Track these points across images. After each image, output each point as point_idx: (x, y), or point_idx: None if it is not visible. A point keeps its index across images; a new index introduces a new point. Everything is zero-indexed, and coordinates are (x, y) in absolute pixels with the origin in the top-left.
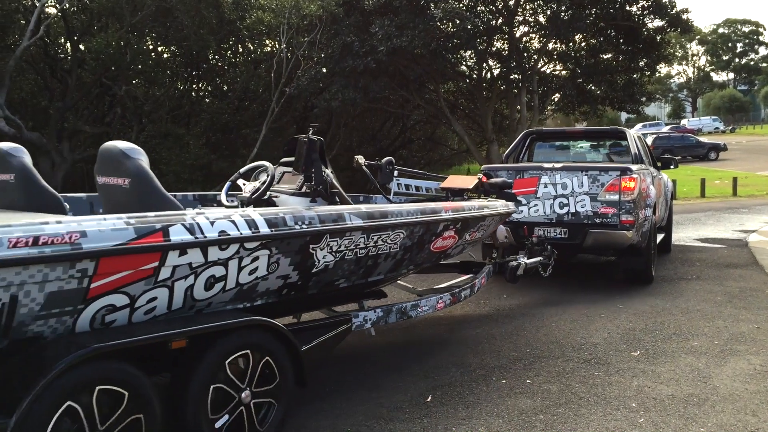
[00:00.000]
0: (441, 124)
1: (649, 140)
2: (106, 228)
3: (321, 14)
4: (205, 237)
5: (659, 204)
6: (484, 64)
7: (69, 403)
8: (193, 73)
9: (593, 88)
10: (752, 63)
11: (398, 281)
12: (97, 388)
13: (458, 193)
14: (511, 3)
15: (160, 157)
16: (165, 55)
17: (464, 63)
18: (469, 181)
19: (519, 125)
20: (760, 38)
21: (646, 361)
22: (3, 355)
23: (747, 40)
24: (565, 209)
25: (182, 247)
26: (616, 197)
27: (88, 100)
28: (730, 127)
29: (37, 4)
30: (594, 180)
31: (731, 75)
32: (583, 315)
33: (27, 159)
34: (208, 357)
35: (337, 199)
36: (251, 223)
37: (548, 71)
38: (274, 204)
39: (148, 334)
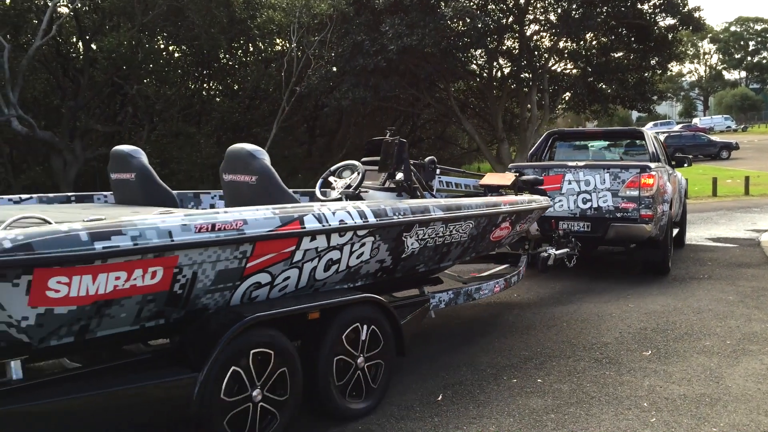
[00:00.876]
0: (451, 122)
1: (661, 139)
2: (260, 217)
3: (331, 13)
4: (330, 225)
5: (675, 200)
6: (495, 63)
7: (239, 360)
8: (204, 72)
9: (604, 86)
10: (765, 61)
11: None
12: (255, 349)
13: (495, 190)
14: (522, 1)
15: (171, 156)
16: (176, 55)
17: (475, 62)
18: (506, 178)
19: (529, 124)
20: None
21: (657, 360)
22: (180, 323)
23: (759, 39)
24: (588, 204)
25: (313, 234)
26: (636, 193)
27: (100, 99)
28: (742, 126)
29: (50, 4)
30: (615, 177)
31: (743, 73)
32: (594, 314)
33: (145, 160)
34: (334, 326)
35: (418, 194)
36: (362, 214)
37: (559, 70)
38: (361, 198)
39: (291, 307)
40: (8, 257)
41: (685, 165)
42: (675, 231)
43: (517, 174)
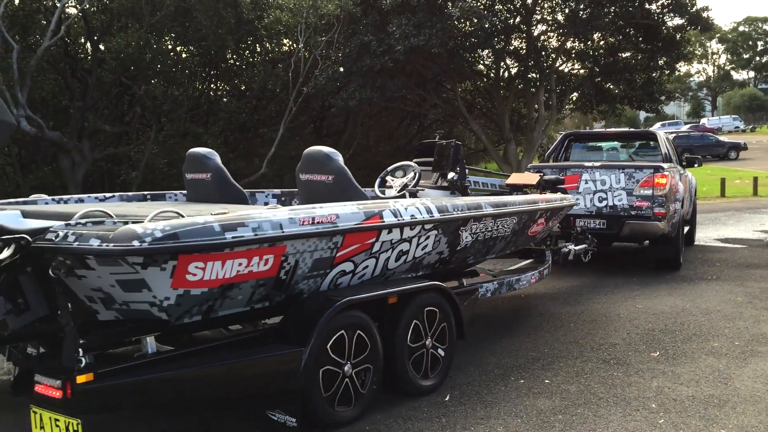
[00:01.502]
0: (458, 123)
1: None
2: (348, 211)
3: (338, 13)
4: (403, 219)
5: (686, 199)
6: (502, 63)
7: (335, 335)
8: (212, 72)
9: (612, 86)
10: None
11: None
12: (347, 328)
13: (520, 189)
14: (529, 1)
15: (179, 157)
16: (184, 55)
17: (482, 62)
18: (531, 178)
19: (537, 124)
20: None
21: (665, 361)
22: (280, 306)
23: None
24: (604, 203)
25: (390, 227)
26: (649, 192)
27: (108, 99)
28: (751, 126)
29: (58, 5)
30: (630, 177)
31: (752, 73)
32: (602, 315)
33: (218, 161)
34: (407, 310)
35: (469, 192)
36: (428, 210)
37: (566, 70)
38: (416, 196)
39: (377, 292)
40: (159, 245)
41: (696, 165)
42: (686, 229)
43: (541, 174)
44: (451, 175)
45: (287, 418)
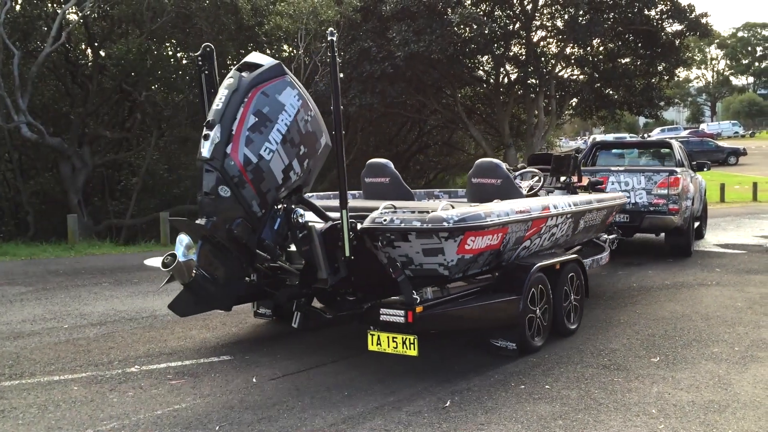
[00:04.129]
0: (458, 128)
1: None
2: (536, 204)
3: (339, 20)
4: (559, 210)
5: (696, 198)
6: (502, 69)
7: (533, 288)
8: None
9: (611, 92)
10: None
11: None
12: (538, 284)
13: (585, 189)
14: (529, 7)
15: (180, 162)
16: (184, 61)
17: (481, 68)
18: (582, 180)
19: (536, 130)
20: None
21: (666, 367)
22: (490, 269)
23: (767, 44)
24: (627, 200)
25: (553, 216)
26: (665, 192)
27: (109, 105)
28: (750, 132)
29: (59, 11)
30: (649, 179)
31: (751, 79)
32: (602, 320)
33: (393, 168)
34: (562, 273)
35: (577, 192)
36: (569, 204)
37: (566, 76)
38: (537, 195)
39: (554, 260)
40: (456, 226)
41: (705, 169)
42: (696, 224)
43: (588, 177)
44: (563, 178)
45: (508, 344)
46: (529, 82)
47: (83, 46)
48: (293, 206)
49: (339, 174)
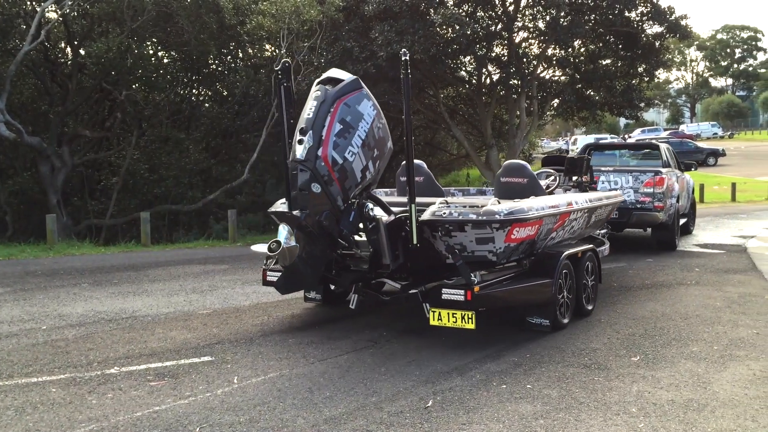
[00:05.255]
0: (440, 129)
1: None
2: (563, 201)
3: (321, 19)
4: (578, 206)
5: (682, 196)
6: (484, 70)
7: (562, 273)
8: (193, 77)
9: (592, 93)
10: (751, 69)
11: None
12: (565, 269)
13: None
14: (511, 9)
15: (160, 162)
16: (165, 60)
17: (464, 68)
18: (596, 179)
19: (518, 130)
20: (759, 44)
21: (645, 366)
22: (524, 256)
23: (745, 46)
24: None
25: (576, 211)
26: (651, 190)
27: (88, 104)
28: (729, 133)
29: (38, 9)
30: (636, 178)
31: (730, 81)
32: (582, 320)
33: (427, 169)
34: (582, 261)
35: (588, 190)
36: (585, 200)
37: (547, 77)
38: (553, 194)
39: (578, 248)
40: (506, 218)
41: (692, 169)
42: (683, 220)
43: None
44: (575, 178)
45: (543, 320)
46: (511, 82)
47: (63, 45)
48: (365, 201)
49: (408, 174)
